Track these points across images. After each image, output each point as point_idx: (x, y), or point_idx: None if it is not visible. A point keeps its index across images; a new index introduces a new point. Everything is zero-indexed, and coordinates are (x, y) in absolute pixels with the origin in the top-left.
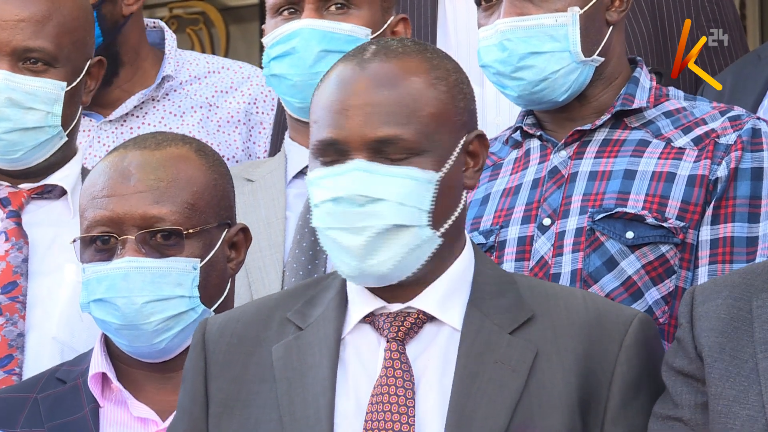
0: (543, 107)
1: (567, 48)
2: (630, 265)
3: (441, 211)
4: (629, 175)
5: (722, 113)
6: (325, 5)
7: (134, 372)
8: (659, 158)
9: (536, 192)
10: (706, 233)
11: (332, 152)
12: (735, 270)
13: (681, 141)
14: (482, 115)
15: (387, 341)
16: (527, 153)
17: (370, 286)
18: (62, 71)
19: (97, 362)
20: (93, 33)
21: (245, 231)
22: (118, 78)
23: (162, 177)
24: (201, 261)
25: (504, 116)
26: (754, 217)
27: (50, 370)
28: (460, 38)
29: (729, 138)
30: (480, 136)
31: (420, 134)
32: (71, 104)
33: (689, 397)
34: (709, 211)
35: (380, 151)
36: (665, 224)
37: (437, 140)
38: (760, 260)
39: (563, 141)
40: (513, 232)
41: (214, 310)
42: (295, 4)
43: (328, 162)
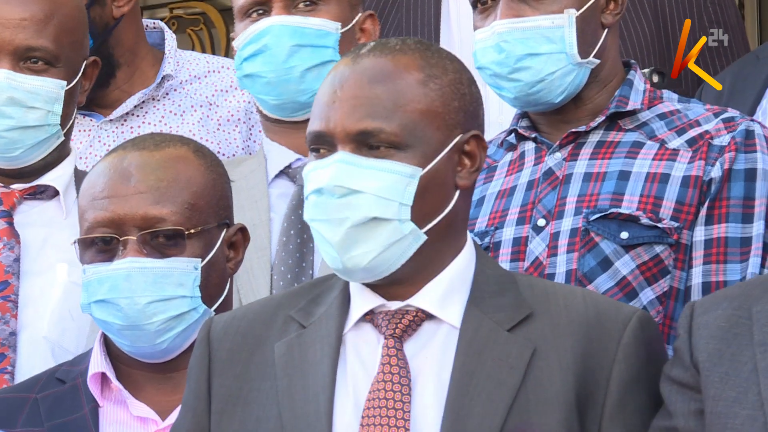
0: (539, 109)
1: (563, 50)
2: (625, 266)
3: (425, 208)
4: (624, 176)
5: (716, 115)
6: (294, 3)
7: (134, 372)
8: (653, 159)
9: (531, 193)
10: (701, 233)
11: (321, 143)
12: (733, 284)
13: (675, 142)
14: (485, 114)
15: (385, 339)
16: (522, 155)
17: (360, 282)
18: (62, 71)
19: (97, 362)
20: (88, 33)
21: (243, 231)
22: (116, 79)
23: (162, 177)
24: (202, 261)
25: (507, 115)
26: (748, 218)
27: (50, 370)
28: (464, 36)
29: (723, 139)
30: (477, 137)
31: (403, 129)
32: (70, 104)
33: (683, 406)
34: (703, 212)
35: (364, 144)
36: (660, 225)
37: (423, 136)
38: (754, 260)
39: (558, 143)
40: (508, 233)
41: (215, 310)
42: (263, 5)
43: (319, 155)
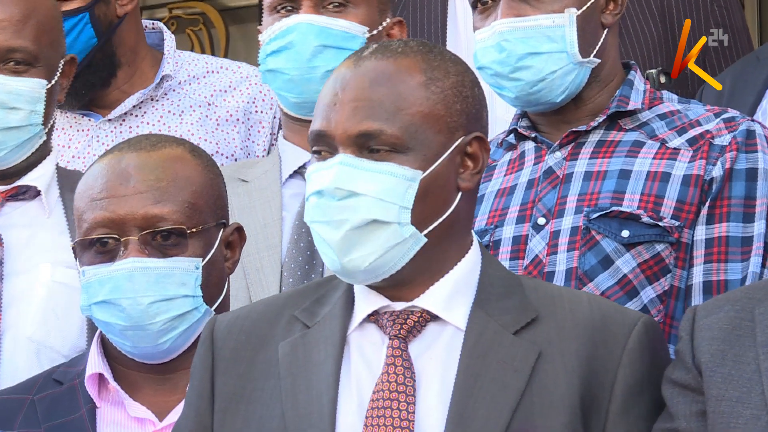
0: (540, 109)
1: (564, 49)
2: (625, 264)
3: (426, 211)
4: (624, 175)
5: (716, 115)
6: (323, 3)
7: (131, 373)
8: (654, 158)
9: (531, 192)
10: (701, 233)
11: (322, 145)
12: (735, 288)
13: (676, 142)
14: (492, 111)
15: (389, 339)
16: (522, 155)
17: (362, 284)
18: (41, 70)
19: (94, 363)
20: (64, 32)
21: (240, 230)
22: (116, 79)
23: (161, 177)
24: (202, 260)
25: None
26: (749, 217)
27: (47, 372)
28: (470, 34)
29: (724, 139)
30: (479, 139)
31: (404, 131)
32: (50, 103)
33: (684, 407)
34: (704, 211)
35: (365, 146)
36: (660, 223)
37: (424, 139)
38: (755, 259)
39: (558, 142)
40: (508, 232)
41: (215, 310)
42: (293, 2)
43: (321, 157)
